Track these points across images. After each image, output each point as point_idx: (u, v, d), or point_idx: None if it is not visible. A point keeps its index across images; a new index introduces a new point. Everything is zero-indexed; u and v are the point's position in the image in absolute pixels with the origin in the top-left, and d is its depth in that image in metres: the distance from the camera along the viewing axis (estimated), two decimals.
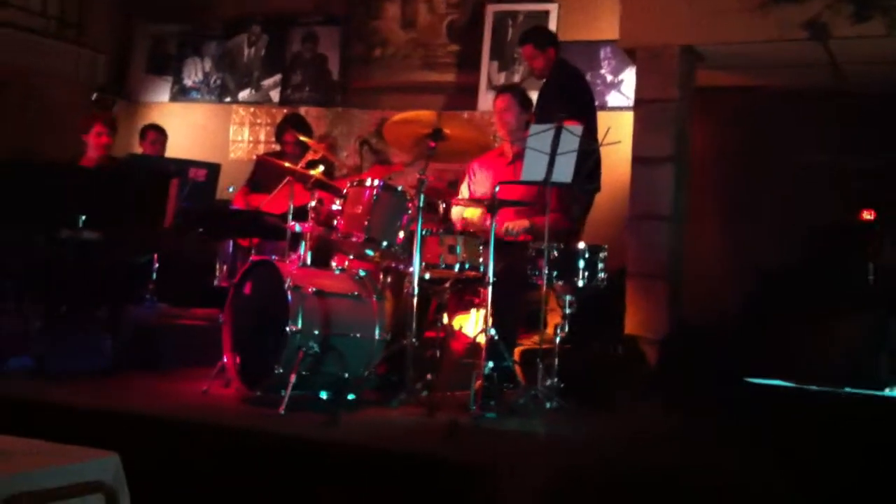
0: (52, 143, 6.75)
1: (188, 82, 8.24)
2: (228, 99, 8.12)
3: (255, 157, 7.14)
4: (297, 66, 7.96)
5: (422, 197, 4.19)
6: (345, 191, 4.49)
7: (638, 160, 5.01)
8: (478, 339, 4.55)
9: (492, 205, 4.34)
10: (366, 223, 4.36)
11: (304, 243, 4.61)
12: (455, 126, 4.29)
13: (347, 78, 7.80)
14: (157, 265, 5.96)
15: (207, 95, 8.17)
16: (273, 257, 4.51)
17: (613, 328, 5.03)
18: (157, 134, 7.05)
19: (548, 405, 4.39)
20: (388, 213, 4.41)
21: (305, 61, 7.94)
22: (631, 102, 6.61)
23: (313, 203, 4.59)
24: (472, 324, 5.21)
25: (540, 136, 4.16)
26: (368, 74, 7.76)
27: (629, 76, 6.77)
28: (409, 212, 4.44)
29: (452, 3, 7.57)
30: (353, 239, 4.39)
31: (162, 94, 8.27)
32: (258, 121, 8.00)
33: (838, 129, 5.35)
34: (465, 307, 5.19)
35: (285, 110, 7.80)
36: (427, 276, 4.51)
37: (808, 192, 5.40)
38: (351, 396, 4.38)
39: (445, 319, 4.87)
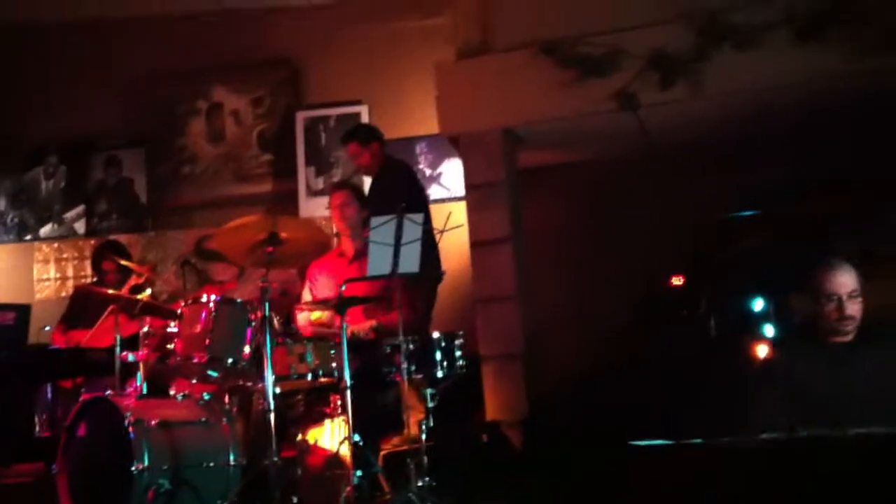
0: None
1: None
2: (29, 237, 7.57)
3: (73, 289, 6.63)
4: (101, 194, 7.55)
5: (267, 305, 3.96)
6: (179, 311, 4.20)
7: (476, 244, 5.00)
8: (340, 450, 4.31)
9: (340, 304, 4.17)
10: (207, 342, 4.09)
11: (138, 374, 4.26)
12: (291, 228, 4.13)
13: (157, 200, 7.46)
14: None
15: (4, 236, 7.60)
16: (107, 392, 4.13)
17: (477, 415, 4.91)
18: None
19: None
20: (229, 329, 4.16)
21: (110, 188, 7.55)
22: (451, 193, 6.75)
23: (145, 329, 4.26)
24: (328, 435, 4.95)
25: (382, 229, 4.06)
26: (179, 194, 7.46)
27: (447, 167, 6.88)
28: (252, 324, 4.21)
29: (260, 114, 7.46)
30: (195, 360, 4.09)
31: None
32: (64, 255, 7.50)
33: (652, 192, 5.57)
34: (316, 419, 4.92)
35: (93, 241, 7.39)
36: (277, 390, 4.25)
37: (636, 254, 5.57)
38: None
39: (300, 435, 4.60)
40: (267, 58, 7.44)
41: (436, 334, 4.38)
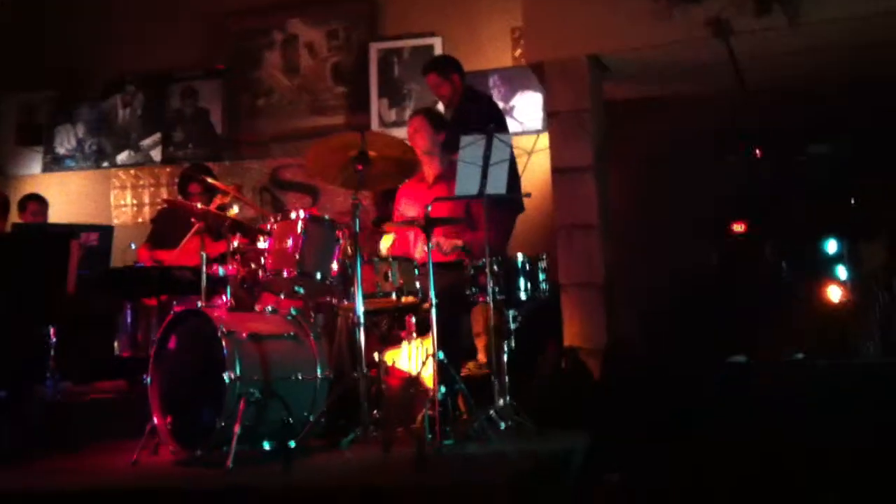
0: None
1: (61, 150, 7.79)
2: (106, 163, 7.70)
3: (158, 210, 6.72)
4: (177, 123, 7.64)
5: (357, 221, 3.99)
6: (269, 227, 4.25)
7: (558, 171, 4.97)
8: (422, 371, 4.37)
9: (426, 224, 4.18)
10: (297, 257, 4.13)
11: (227, 288, 4.33)
12: (380, 146, 4.13)
13: (233, 130, 7.54)
14: (54, 339, 5.50)
15: (83, 162, 7.74)
16: (199, 304, 4.20)
17: (556, 341, 4.92)
18: (38, 204, 6.59)
19: (502, 426, 4.23)
20: (318, 245, 4.20)
21: (186, 117, 7.64)
22: (524, 127, 6.71)
23: (234, 244, 4.32)
24: (405, 357, 5.00)
25: (471, 149, 4.05)
26: (255, 125, 7.52)
27: (520, 101, 6.83)
28: (339, 241, 4.25)
29: (335, 46, 7.46)
30: (285, 275, 4.14)
31: (33, 165, 7.79)
32: (140, 183, 7.63)
33: (737, 131, 5.46)
34: (394, 341, 4.97)
35: (169, 169, 7.52)
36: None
37: (711, 194, 5.48)
38: (292, 444, 4.06)
39: (377, 355, 4.66)
40: None
41: (519, 256, 4.39)
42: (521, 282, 4.38)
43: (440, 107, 6.07)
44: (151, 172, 7.60)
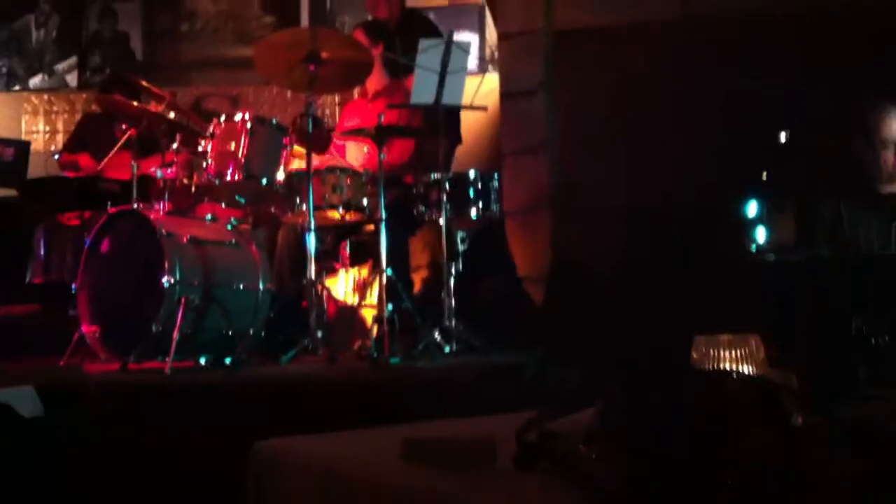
0: None
1: None
2: (18, 87, 7.25)
3: (83, 115, 6.30)
4: (95, 46, 7.25)
5: (310, 121, 3.81)
6: (211, 129, 4.03)
7: (507, 95, 4.87)
8: (371, 287, 4.24)
9: (378, 134, 4.03)
10: (242, 160, 3.92)
11: (165, 194, 4.09)
12: (333, 45, 3.94)
13: (153, 56, 7.20)
14: None
15: None
16: (136, 206, 3.96)
17: (502, 267, 4.83)
18: None
19: (447, 349, 4.13)
20: (264, 149, 4.01)
21: (105, 40, 7.25)
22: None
23: (174, 146, 4.08)
24: (341, 286, 4.86)
25: (429, 53, 3.91)
26: (176, 51, 7.21)
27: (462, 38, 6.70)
28: (286, 147, 4.07)
29: None
30: (228, 178, 3.93)
31: None
32: (55, 108, 7.21)
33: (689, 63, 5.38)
34: (328, 271, 4.82)
35: (84, 95, 7.12)
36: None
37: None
38: (228, 360, 3.89)
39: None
40: None
41: (472, 173, 4.28)
42: (472, 200, 4.26)
43: None
44: (66, 98, 7.20)
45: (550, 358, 3.93)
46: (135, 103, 4.22)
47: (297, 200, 4.08)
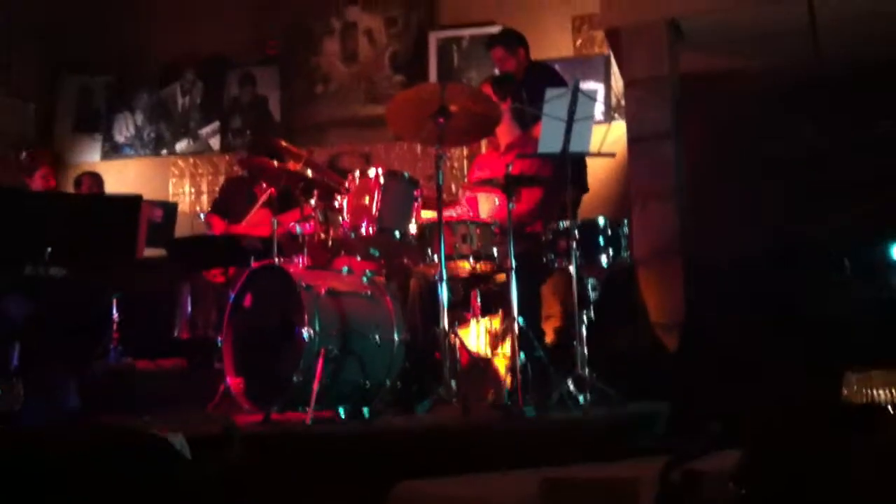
0: None
1: (120, 139, 7.80)
2: (165, 151, 7.70)
3: (225, 181, 6.60)
4: (236, 111, 7.63)
5: (440, 174, 3.90)
6: (346, 185, 4.17)
7: (635, 140, 4.87)
8: (500, 341, 4.27)
9: (507, 183, 4.09)
10: (376, 213, 4.04)
11: (303, 247, 4.25)
12: (461, 98, 4.04)
13: (290, 118, 7.51)
14: (117, 312, 5.43)
15: (142, 150, 7.75)
16: (276, 260, 4.13)
17: (634, 314, 4.79)
18: (93, 180, 6.54)
19: (581, 398, 4.09)
20: (397, 202, 4.12)
21: (245, 105, 7.62)
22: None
23: (311, 202, 4.24)
24: (473, 336, 4.89)
25: (555, 103, 3.96)
26: (312, 112, 7.49)
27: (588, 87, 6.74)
28: (418, 200, 4.17)
29: (394, 35, 7.42)
30: (363, 232, 4.06)
31: (92, 153, 7.80)
32: (199, 171, 7.61)
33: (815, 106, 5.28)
34: (461, 320, 4.86)
35: (227, 157, 7.49)
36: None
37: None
38: (365, 410, 3.96)
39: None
40: None
41: (601, 220, 4.28)
42: (602, 247, 4.25)
43: None
44: (210, 161, 7.59)
45: (687, 406, 3.86)
46: (275, 163, 4.42)
47: (429, 252, 4.16)
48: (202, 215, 5.60)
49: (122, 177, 7.62)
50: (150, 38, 7.69)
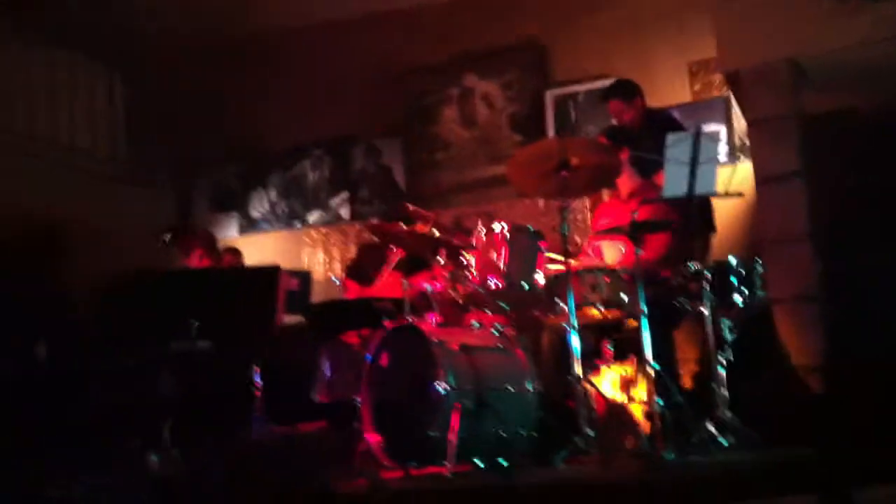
0: None
1: (255, 214, 8.19)
2: (298, 223, 8.03)
3: (358, 246, 6.84)
4: (363, 181, 7.91)
5: (565, 226, 3.94)
6: (474, 241, 4.26)
7: (762, 181, 4.79)
8: (630, 388, 4.23)
9: (632, 230, 4.09)
10: (504, 268, 4.11)
11: (434, 305, 4.35)
12: (581, 151, 4.09)
13: (414, 184, 7.72)
14: (260, 379, 5.63)
15: (276, 224, 8.11)
16: (409, 319, 4.24)
17: (775, 356, 4.66)
18: (234, 256, 6.89)
19: (723, 441, 4.00)
20: (523, 255, 4.18)
21: (371, 175, 7.89)
22: None
23: (440, 260, 4.35)
24: (607, 384, 4.85)
25: (678, 147, 3.96)
26: (435, 178, 7.68)
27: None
28: (542, 251, 4.22)
29: (510, 96, 7.57)
30: (492, 286, 4.12)
31: (230, 228, 8.21)
32: (331, 240, 7.89)
33: None
34: (593, 368, 4.83)
35: (356, 226, 7.74)
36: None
37: None
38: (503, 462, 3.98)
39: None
40: (514, 41, 7.56)
41: (732, 259, 4.21)
42: (735, 287, 4.18)
43: None
44: (340, 230, 7.86)
45: (833, 450, 3.72)
46: (404, 226, 4.56)
47: (558, 302, 4.18)
48: (336, 280, 5.79)
49: (258, 249, 7.94)
50: (277, 126, 8.07)
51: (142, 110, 8.07)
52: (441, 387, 3.88)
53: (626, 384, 4.31)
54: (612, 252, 4.66)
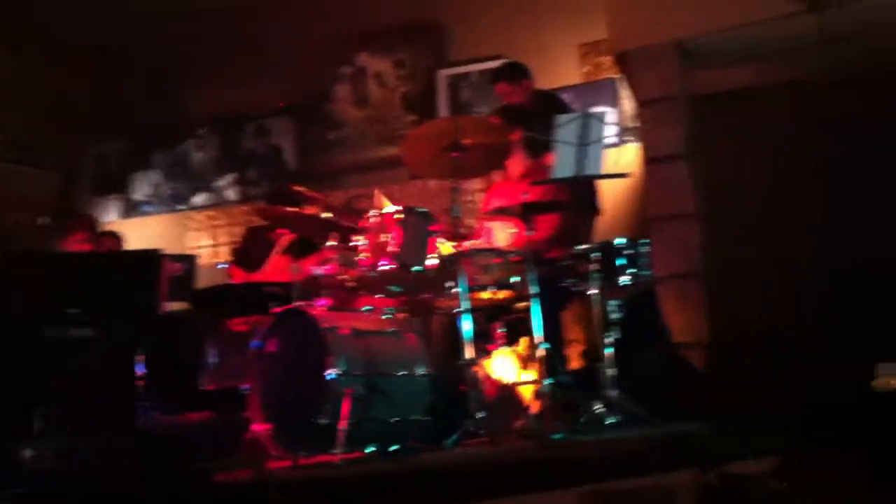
0: None
1: (138, 197, 7.89)
2: (182, 206, 7.78)
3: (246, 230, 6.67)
4: (251, 162, 7.71)
5: (457, 207, 3.90)
6: (363, 224, 4.18)
7: (650, 161, 4.87)
8: (521, 373, 4.24)
9: (523, 211, 4.09)
10: (395, 250, 4.05)
11: (324, 289, 4.25)
12: (474, 132, 4.05)
13: (306, 164, 7.58)
14: (144, 368, 5.44)
15: (160, 207, 7.83)
16: (298, 304, 4.13)
17: (660, 334, 4.74)
18: (114, 240, 6.62)
19: (610, 420, 4.05)
20: (415, 237, 4.12)
21: (259, 156, 7.70)
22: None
23: (331, 243, 4.25)
24: (498, 366, 4.86)
25: (567, 128, 3.96)
26: (327, 158, 7.57)
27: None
28: (434, 234, 4.17)
29: (403, 75, 7.50)
30: (384, 269, 4.05)
31: (111, 212, 7.89)
32: (216, 223, 7.67)
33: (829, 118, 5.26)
34: (485, 351, 4.84)
35: (243, 208, 7.55)
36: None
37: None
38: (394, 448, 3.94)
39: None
40: (407, 20, 7.48)
41: (618, 240, 4.25)
42: (623, 268, 4.23)
43: None
44: (227, 212, 7.65)
45: (714, 424, 3.81)
46: (291, 209, 4.44)
47: (450, 285, 4.15)
48: (223, 266, 5.63)
49: (142, 234, 7.67)
50: (162, 104, 7.79)
51: (25, 87, 7.67)
52: (331, 373, 3.79)
53: (517, 366, 4.32)
54: (503, 234, 4.64)
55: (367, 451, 3.98)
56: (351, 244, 4.20)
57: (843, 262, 4.68)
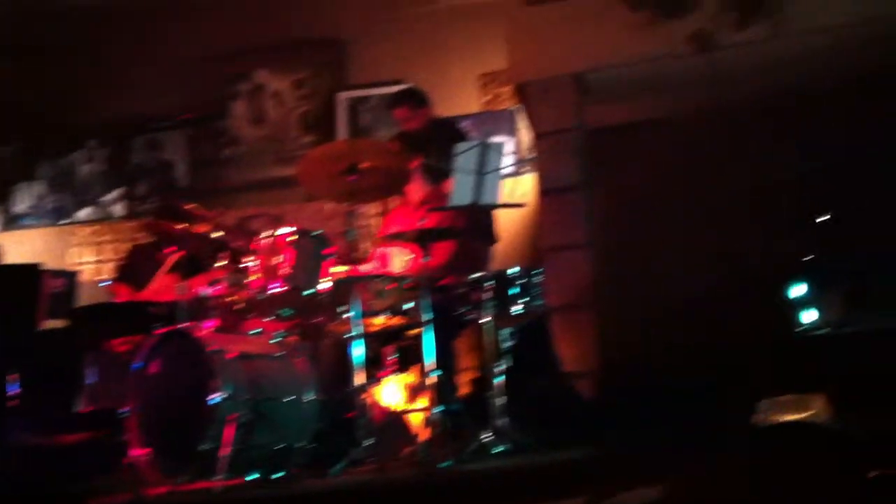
0: None
1: (18, 209, 7.54)
2: (65, 220, 7.47)
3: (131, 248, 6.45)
4: (140, 177, 7.47)
5: (352, 231, 3.85)
6: (255, 245, 4.09)
7: (545, 192, 4.92)
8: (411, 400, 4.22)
9: (419, 238, 4.07)
10: (287, 273, 3.96)
11: (213, 311, 4.13)
12: (372, 155, 4.02)
13: (198, 181, 7.37)
14: (18, 387, 5.18)
15: (42, 219, 7.50)
16: (183, 325, 4.00)
17: (550, 363, 4.77)
18: None
19: (498, 449, 4.05)
20: (308, 260, 4.05)
21: (149, 170, 7.47)
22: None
23: (221, 263, 4.14)
24: (389, 393, 4.82)
25: (465, 156, 3.97)
26: (220, 176, 7.38)
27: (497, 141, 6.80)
28: (329, 258, 4.11)
29: (302, 96, 7.40)
30: (275, 291, 3.97)
31: None
32: (101, 239, 7.40)
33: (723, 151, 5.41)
34: (376, 377, 4.78)
35: (130, 224, 7.30)
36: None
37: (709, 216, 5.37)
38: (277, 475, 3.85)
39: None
40: (309, 39, 7.40)
41: (512, 270, 4.27)
42: (515, 297, 4.25)
43: None
44: (112, 228, 7.39)
45: (603, 452, 3.85)
46: (180, 226, 4.31)
47: (342, 309, 4.09)
48: (106, 283, 5.42)
49: (21, 249, 7.31)
50: (59, 109, 7.47)
51: None
52: (216, 397, 3.68)
53: (408, 392, 4.29)
54: (400, 259, 4.61)
55: (248, 478, 3.87)
56: (241, 265, 4.10)
57: (731, 293, 4.82)
